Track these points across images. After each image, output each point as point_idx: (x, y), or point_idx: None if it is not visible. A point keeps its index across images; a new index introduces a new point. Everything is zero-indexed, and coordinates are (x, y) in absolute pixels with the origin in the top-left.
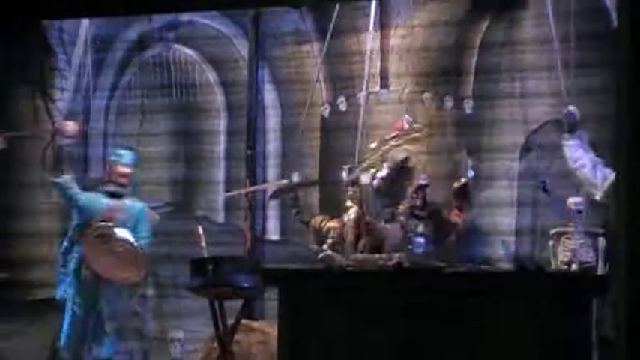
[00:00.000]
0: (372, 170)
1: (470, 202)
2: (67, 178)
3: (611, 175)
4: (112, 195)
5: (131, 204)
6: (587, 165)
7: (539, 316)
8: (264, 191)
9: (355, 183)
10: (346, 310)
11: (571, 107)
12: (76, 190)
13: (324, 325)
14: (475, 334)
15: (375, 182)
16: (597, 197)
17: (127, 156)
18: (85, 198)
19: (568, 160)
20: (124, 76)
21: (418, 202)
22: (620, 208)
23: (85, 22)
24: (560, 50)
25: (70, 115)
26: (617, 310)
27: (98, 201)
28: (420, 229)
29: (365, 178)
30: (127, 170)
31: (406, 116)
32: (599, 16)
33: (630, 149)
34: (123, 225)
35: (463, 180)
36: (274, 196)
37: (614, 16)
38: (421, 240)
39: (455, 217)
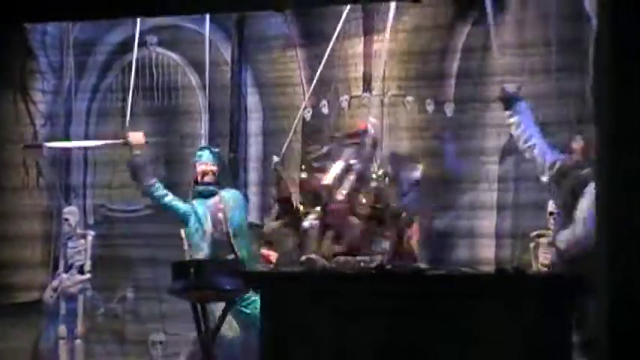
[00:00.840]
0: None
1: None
2: (154, 181)
3: (560, 160)
4: (204, 195)
5: (226, 194)
6: (537, 145)
7: (521, 317)
8: (246, 195)
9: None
10: (329, 312)
11: (505, 85)
12: (172, 197)
13: (307, 328)
14: (457, 335)
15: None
16: (544, 179)
17: (204, 154)
18: (185, 206)
19: (517, 140)
20: (106, 79)
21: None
22: (600, 210)
23: (68, 25)
24: (541, 54)
25: (50, 118)
26: (598, 310)
27: (199, 207)
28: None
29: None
30: (207, 168)
31: (371, 118)
32: (579, 21)
33: (611, 151)
34: (236, 215)
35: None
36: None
37: (594, 20)
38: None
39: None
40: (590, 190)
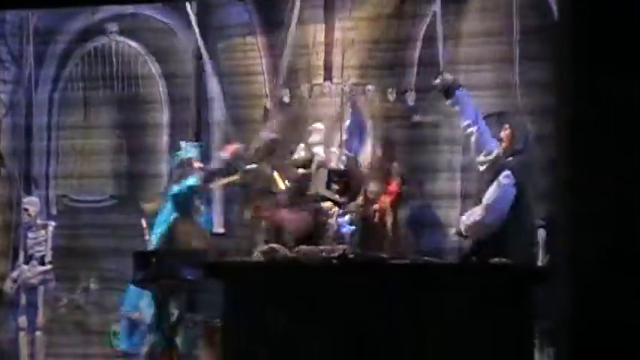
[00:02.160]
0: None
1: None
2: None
3: (496, 151)
4: None
5: None
6: (475, 134)
7: (484, 306)
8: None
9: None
10: (290, 302)
11: (443, 74)
12: None
13: (268, 318)
14: (420, 325)
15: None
16: (481, 168)
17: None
18: None
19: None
20: (67, 68)
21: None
22: (561, 199)
23: (28, 13)
24: (503, 43)
25: (12, 108)
26: (557, 299)
27: None
28: (347, 217)
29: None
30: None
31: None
32: (541, 10)
33: (570, 141)
34: None
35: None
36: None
37: (555, 9)
38: (344, 220)
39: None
40: (503, 175)
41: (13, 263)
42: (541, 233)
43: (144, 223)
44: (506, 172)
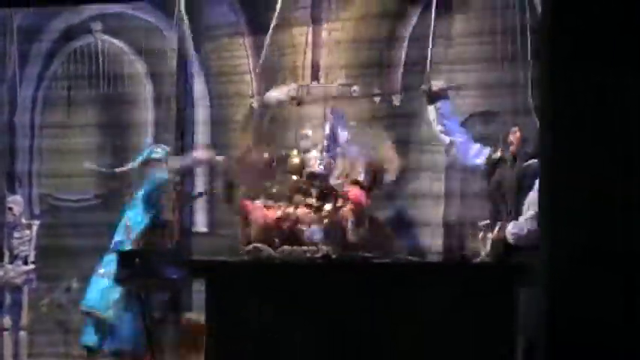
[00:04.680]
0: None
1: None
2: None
3: (487, 153)
4: None
5: None
6: (457, 143)
7: (467, 306)
8: (193, 184)
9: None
10: (273, 301)
11: (433, 82)
12: None
13: (251, 317)
14: (403, 324)
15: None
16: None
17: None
18: None
19: (433, 124)
20: (51, 67)
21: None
22: (542, 199)
23: (11, 11)
24: (488, 43)
25: None
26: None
27: None
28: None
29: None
30: None
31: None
32: (525, 10)
33: (551, 140)
34: None
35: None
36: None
37: (539, 9)
38: (315, 228)
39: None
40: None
41: None
42: None
43: (128, 222)
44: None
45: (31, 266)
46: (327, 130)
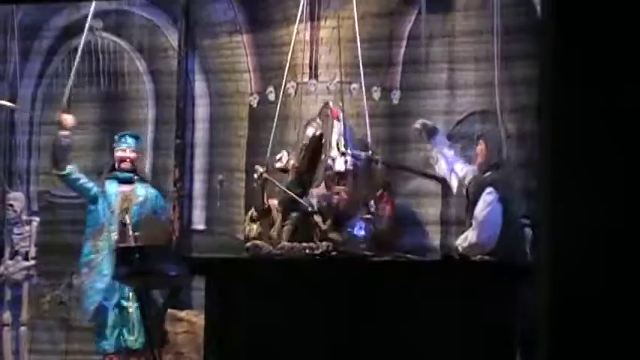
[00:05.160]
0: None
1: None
2: (72, 169)
3: (470, 173)
4: (121, 181)
5: (143, 189)
6: (455, 174)
7: (465, 304)
8: (192, 181)
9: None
10: (273, 298)
11: (424, 121)
12: (84, 179)
13: (251, 314)
14: (402, 322)
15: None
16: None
17: (124, 140)
18: (96, 186)
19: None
20: (52, 64)
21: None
22: (542, 198)
23: (12, 7)
24: (487, 42)
25: None
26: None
27: (110, 187)
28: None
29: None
30: (124, 154)
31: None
32: (526, 9)
33: (552, 140)
34: (139, 211)
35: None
36: None
37: (539, 9)
38: (362, 223)
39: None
40: (486, 193)
41: None
42: (527, 232)
43: (127, 219)
44: (489, 189)
45: (32, 262)
46: (340, 129)
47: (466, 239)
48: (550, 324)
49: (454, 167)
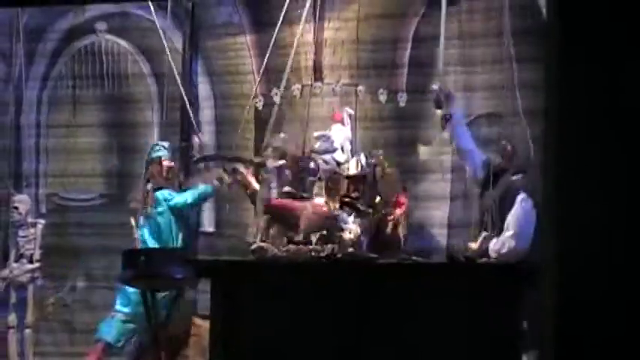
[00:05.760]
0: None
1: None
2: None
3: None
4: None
5: None
6: (469, 160)
7: (471, 306)
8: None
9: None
10: (278, 301)
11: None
12: (194, 189)
13: (256, 317)
14: (408, 324)
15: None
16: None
17: (165, 151)
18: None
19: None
20: (57, 66)
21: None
22: (546, 200)
23: (17, 10)
24: (494, 45)
25: (0, 106)
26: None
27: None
28: (351, 218)
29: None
30: (169, 164)
31: (347, 108)
32: (532, 11)
33: (558, 142)
34: None
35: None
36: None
37: (545, 11)
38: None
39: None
40: (521, 198)
41: (4, 262)
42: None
43: (132, 221)
44: (523, 195)
45: (37, 265)
46: (349, 132)
47: (504, 245)
48: (555, 325)
49: (475, 148)
